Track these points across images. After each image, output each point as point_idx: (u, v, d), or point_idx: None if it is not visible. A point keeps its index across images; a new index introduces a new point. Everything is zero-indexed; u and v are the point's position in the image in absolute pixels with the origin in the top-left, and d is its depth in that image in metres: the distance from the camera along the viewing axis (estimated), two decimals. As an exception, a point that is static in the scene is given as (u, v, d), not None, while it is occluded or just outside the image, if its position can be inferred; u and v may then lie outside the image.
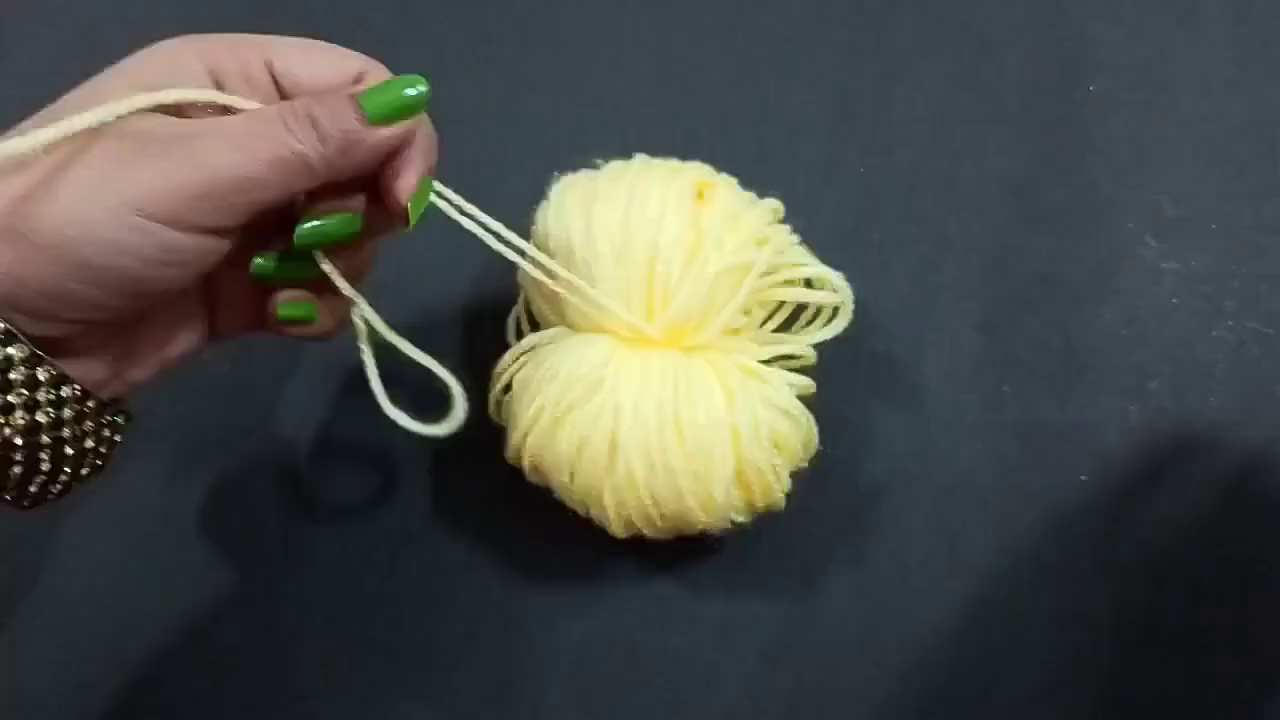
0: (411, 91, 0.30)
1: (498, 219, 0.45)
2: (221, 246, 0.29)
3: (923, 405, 0.42)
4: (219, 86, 0.30)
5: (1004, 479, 0.41)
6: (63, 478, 0.29)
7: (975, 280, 0.44)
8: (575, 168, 0.39)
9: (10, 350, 0.26)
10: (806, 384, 0.38)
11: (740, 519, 0.37)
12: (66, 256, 0.26)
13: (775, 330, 0.40)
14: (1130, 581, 0.40)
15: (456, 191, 0.35)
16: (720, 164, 0.39)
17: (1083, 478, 0.41)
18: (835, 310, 0.39)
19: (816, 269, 0.38)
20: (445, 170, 0.33)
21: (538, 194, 0.39)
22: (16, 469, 0.28)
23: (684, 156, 0.39)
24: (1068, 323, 0.43)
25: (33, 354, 0.27)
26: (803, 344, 0.39)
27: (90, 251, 0.26)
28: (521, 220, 0.39)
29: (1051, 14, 0.46)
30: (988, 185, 0.45)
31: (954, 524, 0.41)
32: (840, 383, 0.42)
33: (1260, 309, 0.42)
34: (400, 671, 0.42)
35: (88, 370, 0.30)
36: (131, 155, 0.27)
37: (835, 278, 0.38)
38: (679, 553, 0.40)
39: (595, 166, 0.40)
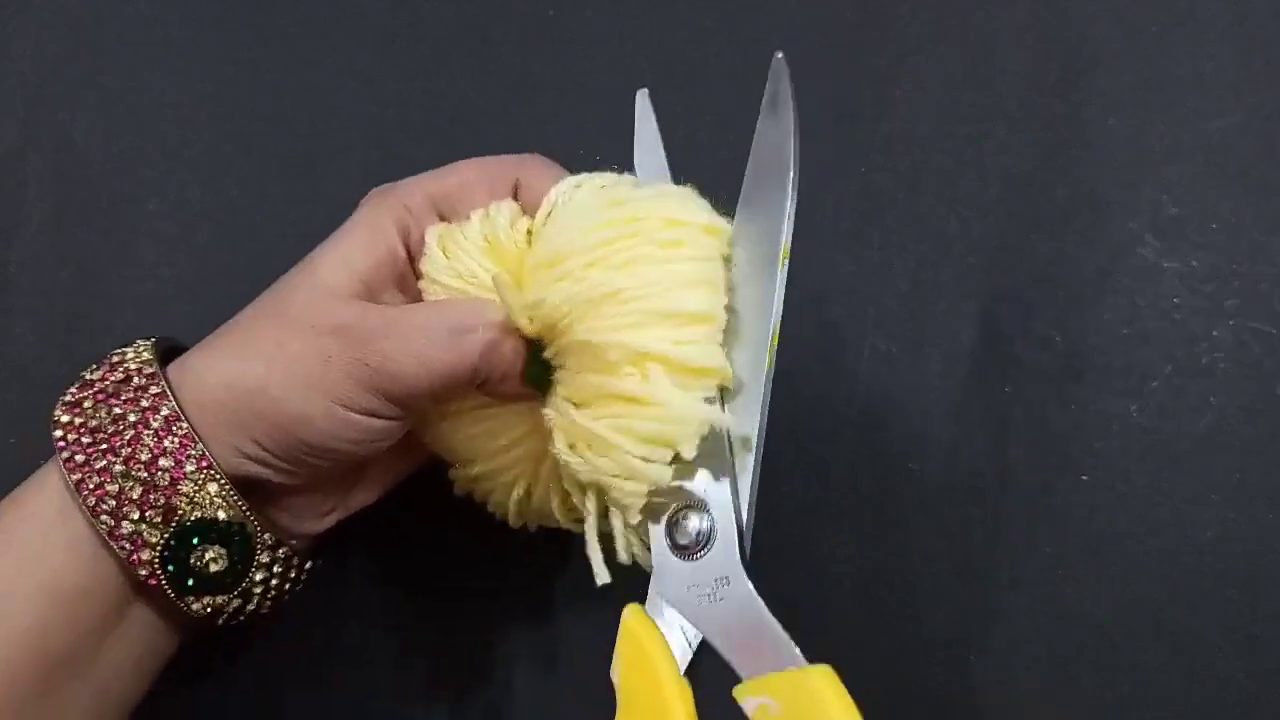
0: None
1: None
2: (409, 423, 0.35)
3: (923, 405, 0.42)
4: (406, 242, 0.36)
5: (1004, 479, 0.41)
6: (266, 607, 0.37)
7: (975, 280, 0.44)
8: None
9: (279, 552, 0.35)
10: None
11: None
12: (295, 437, 0.33)
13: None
14: (1130, 581, 0.40)
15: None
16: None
17: (1083, 478, 0.41)
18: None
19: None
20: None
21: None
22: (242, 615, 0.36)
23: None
24: (1068, 323, 0.43)
25: (277, 541, 0.35)
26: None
27: (309, 435, 0.33)
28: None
29: (1051, 14, 0.46)
30: (988, 185, 0.45)
31: (954, 524, 0.41)
32: (841, 382, 0.42)
33: (1261, 308, 0.42)
34: (400, 671, 0.42)
35: (322, 499, 0.37)
36: (335, 351, 0.33)
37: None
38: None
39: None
